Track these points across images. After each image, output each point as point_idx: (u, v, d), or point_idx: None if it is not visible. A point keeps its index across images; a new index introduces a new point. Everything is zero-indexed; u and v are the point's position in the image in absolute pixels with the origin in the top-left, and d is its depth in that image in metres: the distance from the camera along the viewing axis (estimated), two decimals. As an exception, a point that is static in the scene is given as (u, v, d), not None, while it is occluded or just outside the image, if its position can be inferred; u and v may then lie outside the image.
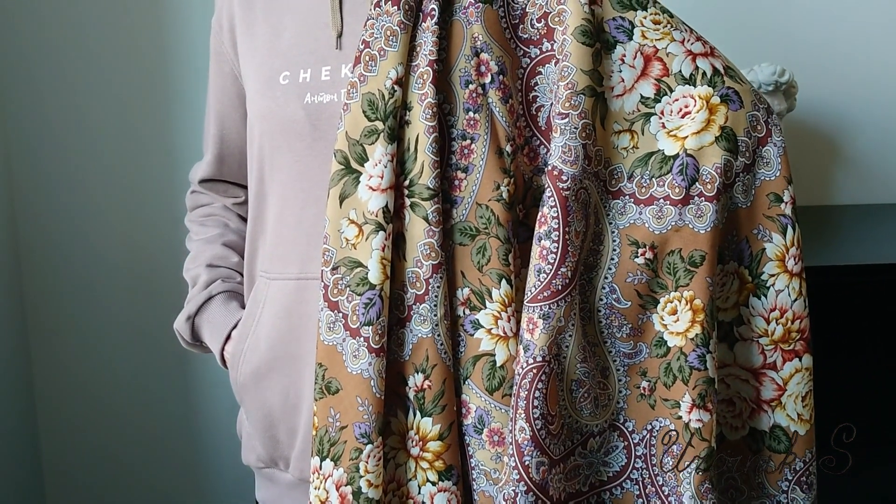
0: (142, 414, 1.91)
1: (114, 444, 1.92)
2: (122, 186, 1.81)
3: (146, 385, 1.90)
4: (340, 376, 0.91)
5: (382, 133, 0.90)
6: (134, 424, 1.91)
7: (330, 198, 0.91)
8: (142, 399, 1.90)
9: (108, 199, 1.81)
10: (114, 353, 1.87)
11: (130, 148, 1.80)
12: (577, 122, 0.90)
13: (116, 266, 1.84)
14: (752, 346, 0.97)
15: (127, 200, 1.82)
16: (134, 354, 1.88)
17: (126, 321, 1.86)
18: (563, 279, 0.89)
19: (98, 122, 1.78)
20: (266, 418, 1.03)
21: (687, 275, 0.92)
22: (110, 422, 1.90)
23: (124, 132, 1.79)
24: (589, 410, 0.93)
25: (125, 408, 1.90)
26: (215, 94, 1.09)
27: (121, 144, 1.79)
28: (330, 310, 0.91)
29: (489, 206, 0.91)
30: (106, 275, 1.85)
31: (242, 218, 1.16)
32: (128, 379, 1.89)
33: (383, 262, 0.90)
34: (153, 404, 1.91)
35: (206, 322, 1.09)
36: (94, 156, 1.79)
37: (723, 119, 0.93)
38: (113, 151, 1.79)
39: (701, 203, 0.92)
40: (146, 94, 1.77)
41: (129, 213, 1.83)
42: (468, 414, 0.93)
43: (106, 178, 1.80)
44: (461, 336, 0.93)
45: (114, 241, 1.83)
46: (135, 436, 1.91)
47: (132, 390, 1.89)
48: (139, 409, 1.90)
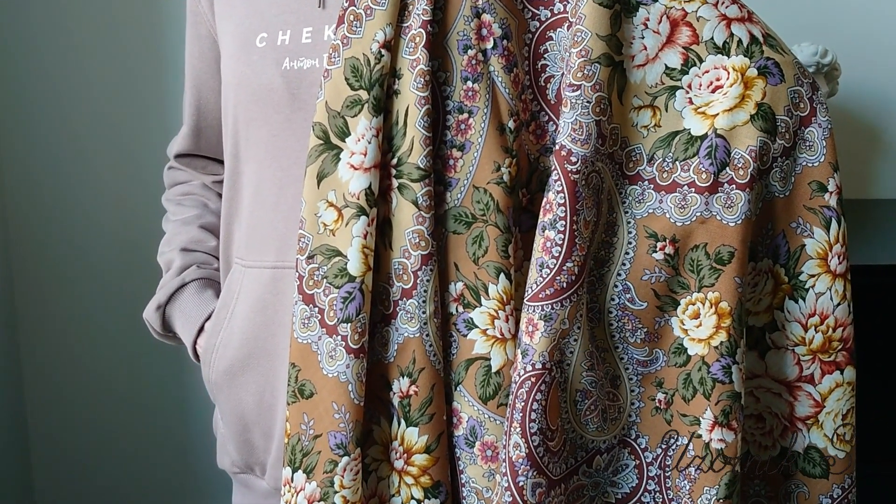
0: (133, 409, 1.87)
1: (105, 438, 1.88)
2: (113, 181, 1.77)
3: (138, 380, 1.86)
4: (315, 379, 0.80)
5: (367, 104, 0.79)
6: (125, 419, 1.87)
7: (307, 177, 0.81)
8: (133, 394, 1.87)
9: (99, 194, 1.78)
10: (105, 348, 1.85)
11: (122, 143, 1.76)
12: (591, 96, 0.79)
13: (107, 261, 1.81)
14: (787, 356, 0.85)
15: (118, 195, 1.78)
16: (125, 349, 1.84)
17: (117, 316, 1.81)
18: (568, 275, 0.78)
19: (89, 117, 1.75)
20: (240, 420, 0.93)
21: (713, 273, 0.80)
22: (101, 416, 1.87)
23: (116, 127, 1.75)
24: (596, 425, 0.82)
25: (116, 402, 1.87)
26: (191, 61, 0.98)
27: (112, 139, 1.77)
28: (305, 303, 0.81)
29: (488, 189, 0.80)
30: (97, 269, 1.81)
31: (222, 197, 1.06)
32: (119, 373, 1.86)
33: (365, 252, 0.79)
34: (145, 400, 1.87)
35: (177, 312, 0.99)
36: (86, 151, 1.77)
37: (760, 95, 0.81)
38: (104, 147, 1.77)
39: (731, 191, 0.80)
40: (138, 87, 1.72)
41: (120, 207, 1.79)
42: (459, 424, 0.82)
43: (97, 173, 1.78)
44: (453, 336, 0.82)
45: (105, 235, 1.79)
46: (126, 431, 1.87)
47: (123, 385, 1.86)
48: (130, 404, 1.87)
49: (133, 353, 1.82)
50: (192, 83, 0.99)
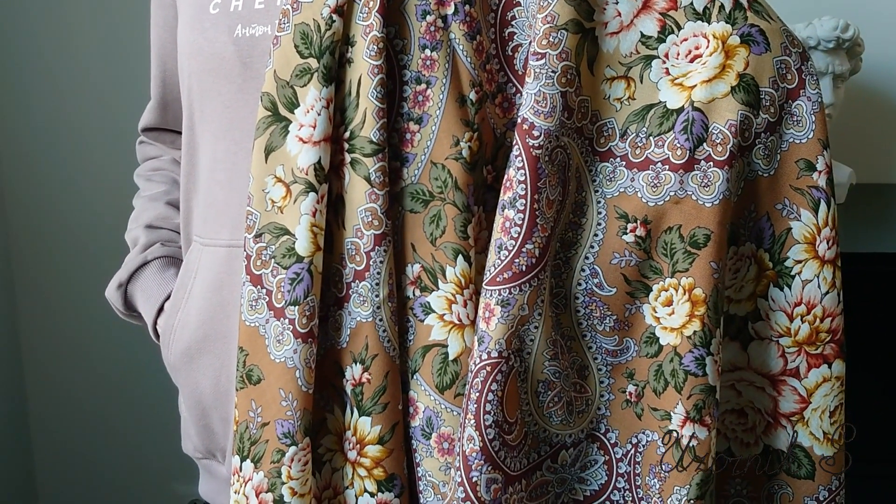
0: (135, 403, 1.87)
1: (107, 432, 1.88)
2: (113, 176, 1.75)
3: (139, 374, 1.85)
4: (263, 364, 0.76)
5: (316, 73, 0.74)
6: (127, 413, 1.86)
7: (255, 150, 0.76)
8: (135, 388, 1.86)
9: (100, 190, 1.78)
10: (106, 342, 1.83)
11: (121, 138, 1.74)
12: (556, 65, 0.73)
13: (108, 256, 1.78)
14: (771, 348, 0.79)
15: (119, 190, 1.76)
16: (127, 344, 1.83)
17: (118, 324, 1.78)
18: (528, 258, 0.72)
19: (87, 113, 1.75)
20: (198, 405, 0.90)
21: (687, 258, 0.74)
22: (103, 410, 1.87)
23: (115, 122, 1.74)
24: (560, 417, 0.77)
25: (118, 397, 1.86)
26: (156, 30, 0.94)
27: (112, 135, 1.76)
28: (253, 284, 0.77)
29: (446, 165, 0.75)
30: (97, 265, 1.79)
31: None
32: (120, 367, 1.86)
33: (314, 230, 0.74)
34: (147, 394, 1.85)
35: (139, 291, 0.96)
36: (85, 147, 1.77)
37: (742, 65, 0.74)
38: (103, 144, 1.77)
39: (708, 169, 0.74)
40: (137, 83, 1.68)
41: (121, 203, 1.76)
42: (416, 414, 0.77)
43: (96, 172, 1.77)
44: (410, 322, 0.77)
45: (106, 231, 1.77)
46: (128, 425, 1.87)
47: (125, 379, 1.86)
48: (132, 398, 1.86)
49: (134, 347, 1.81)
50: (157, 53, 0.95)
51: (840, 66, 1.49)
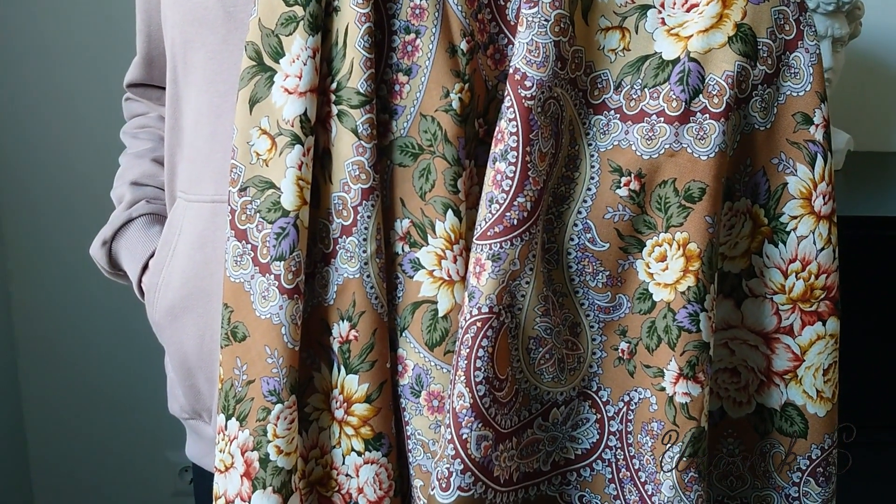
0: (130, 405, 1.85)
1: (102, 435, 1.86)
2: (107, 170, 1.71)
3: (135, 376, 1.83)
4: (248, 321, 0.75)
5: (302, 21, 0.72)
6: (122, 415, 1.86)
7: (239, 102, 0.74)
8: (131, 390, 1.84)
9: (94, 183, 1.72)
10: (101, 344, 1.82)
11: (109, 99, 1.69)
12: (549, 14, 0.71)
13: (95, 221, 1.75)
14: (765, 305, 0.78)
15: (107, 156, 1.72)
16: (122, 344, 1.82)
17: (112, 310, 1.79)
18: (519, 211, 0.71)
19: (73, 73, 1.70)
20: (183, 364, 0.88)
21: (681, 212, 0.73)
22: (98, 412, 1.85)
23: (101, 82, 1.69)
24: (552, 375, 0.76)
25: (113, 399, 1.85)
26: (138, -19, 0.92)
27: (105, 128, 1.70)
28: (237, 239, 0.75)
29: (435, 117, 0.73)
30: (83, 230, 1.75)
31: None
32: (116, 368, 1.84)
33: (300, 184, 0.73)
34: (142, 396, 1.83)
35: (123, 248, 0.94)
36: (79, 142, 1.73)
37: (739, 14, 0.73)
38: (94, 138, 1.73)
39: (704, 121, 0.72)
40: (123, 42, 1.64)
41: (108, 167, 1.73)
42: (405, 372, 0.76)
43: (91, 163, 1.73)
44: (399, 278, 0.75)
45: (91, 192, 1.73)
46: (123, 427, 1.86)
47: (121, 381, 1.84)
48: (128, 400, 1.85)
49: (125, 313, 1.79)
50: (142, 7, 0.93)
51: (839, 29, 1.47)
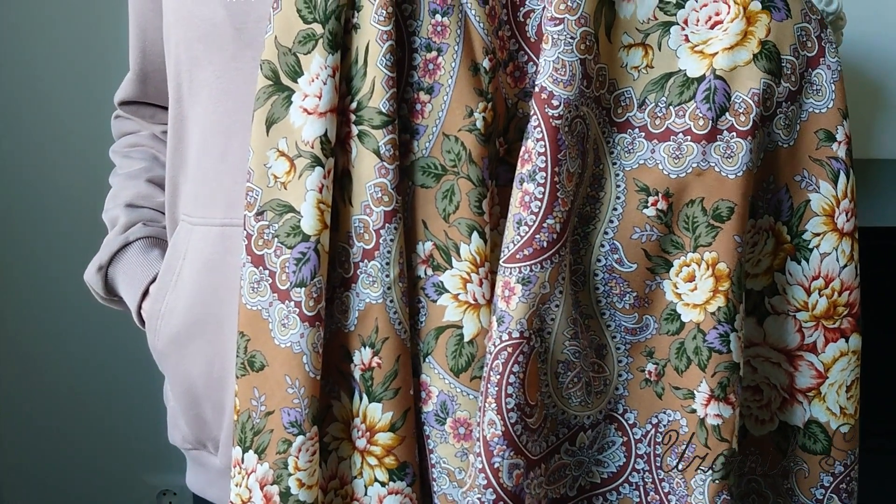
0: (103, 397, 1.78)
1: (77, 447, 1.80)
2: (84, 168, 1.68)
3: (108, 363, 1.77)
4: (266, 349, 0.72)
5: (321, 39, 0.70)
6: (95, 406, 1.79)
7: (255, 122, 0.72)
8: (104, 382, 1.77)
9: (70, 183, 1.69)
10: (72, 331, 1.76)
11: (94, 129, 1.65)
12: (575, 31, 0.70)
13: (81, 237, 1.71)
14: (788, 323, 0.78)
15: (85, 192, 1.68)
16: (96, 332, 1.76)
17: (91, 322, 1.73)
18: (549, 233, 0.69)
19: (60, 100, 1.65)
20: (188, 393, 0.85)
21: (710, 231, 0.72)
22: (69, 401, 1.80)
23: (87, 97, 1.65)
24: (579, 399, 0.74)
25: (89, 412, 1.78)
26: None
27: (84, 110, 1.66)
28: (254, 265, 0.72)
29: (459, 137, 0.71)
30: (67, 246, 1.71)
31: None
32: (89, 357, 1.78)
33: (320, 207, 0.70)
34: (115, 385, 1.78)
35: (121, 274, 0.90)
36: (56, 140, 1.67)
37: (764, 31, 0.72)
38: (76, 140, 1.67)
39: (731, 139, 0.72)
40: (112, 57, 1.61)
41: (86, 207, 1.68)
42: (428, 399, 0.74)
43: (68, 161, 1.68)
44: (421, 302, 0.73)
45: (70, 233, 1.70)
46: (96, 418, 1.79)
47: (93, 368, 1.78)
48: (101, 392, 1.78)
49: (107, 333, 1.74)
50: (136, 22, 0.89)
51: (820, 39, 1.48)
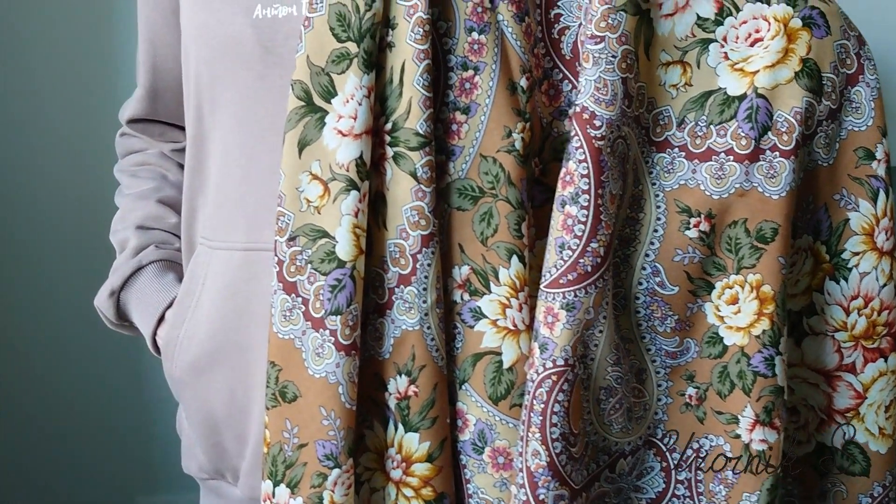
0: (95, 416, 1.74)
1: (65, 443, 1.76)
2: (71, 165, 1.63)
3: (100, 382, 1.73)
4: (299, 380, 0.69)
5: (356, 58, 0.67)
6: (87, 426, 1.75)
7: (286, 145, 0.69)
8: (95, 399, 1.73)
9: (57, 178, 1.64)
10: (63, 347, 1.71)
11: (81, 125, 1.61)
12: (616, 49, 0.68)
13: (56, 251, 1.67)
14: (826, 343, 0.77)
15: (67, 186, 1.64)
16: (89, 349, 1.71)
17: (68, 311, 1.68)
18: (593, 258, 0.67)
19: (45, 96, 1.59)
20: (207, 421, 0.82)
21: (754, 253, 0.71)
22: (61, 420, 1.75)
23: (73, 107, 1.60)
24: (620, 425, 0.72)
25: (76, 396, 1.73)
26: (145, 11, 0.85)
27: (71, 121, 1.62)
28: (286, 293, 0.69)
29: (497, 158, 0.69)
30: (44, 262, 1.67)
31: (183, 168, 0.93)
32: (85, 403, 1.73)
33: (356, 232, 0.68)
34: (108, 405, 1.73)
35: (134, 299, 0.87)
36: (43, 138, 1.62)
37: (805, 49, 0.71)
38: (62, 131, 1.62)
39: (774, 159, 0.70)
40: (96, 62, 1.57)
41: (71, 199, 1.65)
42: (465, 427, 0.72)
43: (55, 159, 1.63)
44: (458, 328, 0.71)
45: (56, 227, 1.65)
46: (88, 438, 1.75)
47: (85, 387, 1.73)
48: (91, 398, 1.74)
49: (99, 351, 1.70)
50: (147, 38, 0.86)
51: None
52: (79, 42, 1.57)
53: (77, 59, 1.58)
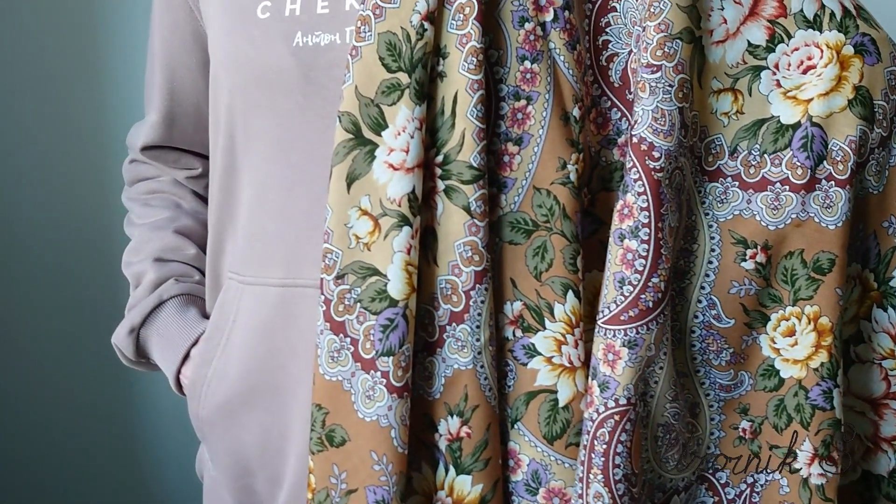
0: (77, 422, 1.67)
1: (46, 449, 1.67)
2: (48, 173, 1.57)
3: (80, 389, 1.66)
4: (348, 423, 0.66)
5: (408, 89, 0.65)
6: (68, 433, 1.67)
7: (333, 179, 0.66)
8: (76, 405, 1.66)
9: (34, 188, 1.57)
10: (43, 356, 1.64)
11: (57, 129, 1.55)
12: (673, 78, 0.66)
13: (44, 258, 1.60)
14: (873, 371, 0.76)
15: (54, 187, 1.57)
16: (66, 357, 1.64)
17: (58, 317, 1.62)
18: (654, 293, 0.66)
19: (21, 101, 1.52)
20: (238, 464, 0.79)
21: (811, 284, 0.70)
22: (40, 429, 1.67)
23: (49, 112, 1.54)
24: (676, 461, 0.71)
25: (57, 414, 1.66)
26: (162, 34, 0.81)
27: (46, 126, 1.55)
28: (333, 333, 0.66)
29: (551, 191, 0.67)
30: (33, 270, 1.60)
31: (198, 196, 0.89)
32: (60, 384, 1.66)
33: (409, 270, 0.65)
34: (88, 410, 1.67)
35: (155, 335, 0.83)
36: (16, 143, 1.54)
37: (857, 76, 0.70)
38: (38, 135, 1.55)
39: (830, 189, 0.69)
40: (74, 67, 1.51)
41: (57, 200, 1.58)
42: (518, 468, 0.69)
43: (30, 166, 1.56)
44: (510, 365, 0.69)
45: (41, 233, 1.59)
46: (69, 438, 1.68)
47: (65, 395, 1.66)
48: (73, 418, 1.67)
49: (75, 359, 1.63)
50: (164, 62, 0.82)
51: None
52: (61, 45, 1.52)
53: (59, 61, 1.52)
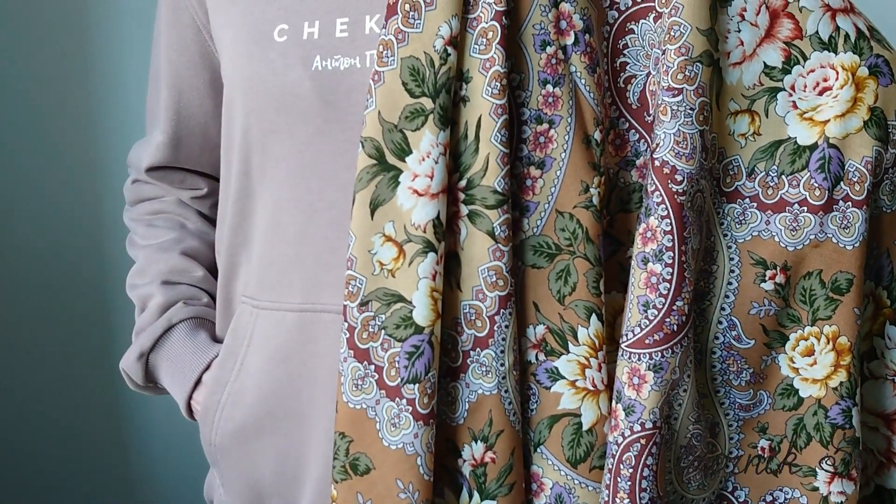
0: (68, 422, 1.65)
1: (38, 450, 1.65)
2: (36, 188, 1.55)
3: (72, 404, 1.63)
4: (372, 451, 0.66)
5: (432, 114, 0.64)
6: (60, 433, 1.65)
7: (356, 205, 0.65)
8: (68, 406, 1.64)
9: (22, 202, 1.55)
10: (33, 372, 1.61)
11: (44, 143, 1.53)
12: (694, 102, 0.67)
13: (33, 272, 1.58)
14: (886, 387, 0.77)
15: (43, 202, 1.56)
16: (57, 358, 1.62)
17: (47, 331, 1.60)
18: (679, 316, 0.66)
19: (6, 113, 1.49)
20: (251, 489, 0.78)
21: (829, 304, 0.70)
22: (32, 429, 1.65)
23: (37, 125, 1.52)
24: (697, 482, 0.71)
25: (49, 414, 1.64)
26: (169, 54, 0.80)
27: (33, 140, 1.53)
28: (357, 360, 0.66)
29: (574, 214, 0.67)
30: (24, 273, 1.58)
31: (204, 216, 0.88)
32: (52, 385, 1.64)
33: (434, 296, 0.64)
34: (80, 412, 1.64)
35: (165, 361, 0.81)
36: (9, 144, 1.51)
37: (872, 97, 0.71)
38: (25, 148, 1.52)
39: (847, 210, 0.70)
40: (62, 77, 1.50)
41: (42, 211, 1.57)
42: (541, 492, 0.69)
43: (16, 180, 1.53)
44: (532, 389, 0.69)
45: (30, 247, 1.57)
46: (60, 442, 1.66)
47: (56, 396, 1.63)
48: (64, 418, 1.64)
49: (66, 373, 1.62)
50: (171, 82, 0.81)
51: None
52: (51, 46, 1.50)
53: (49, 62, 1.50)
